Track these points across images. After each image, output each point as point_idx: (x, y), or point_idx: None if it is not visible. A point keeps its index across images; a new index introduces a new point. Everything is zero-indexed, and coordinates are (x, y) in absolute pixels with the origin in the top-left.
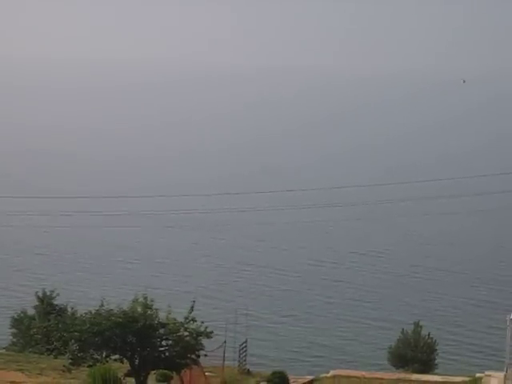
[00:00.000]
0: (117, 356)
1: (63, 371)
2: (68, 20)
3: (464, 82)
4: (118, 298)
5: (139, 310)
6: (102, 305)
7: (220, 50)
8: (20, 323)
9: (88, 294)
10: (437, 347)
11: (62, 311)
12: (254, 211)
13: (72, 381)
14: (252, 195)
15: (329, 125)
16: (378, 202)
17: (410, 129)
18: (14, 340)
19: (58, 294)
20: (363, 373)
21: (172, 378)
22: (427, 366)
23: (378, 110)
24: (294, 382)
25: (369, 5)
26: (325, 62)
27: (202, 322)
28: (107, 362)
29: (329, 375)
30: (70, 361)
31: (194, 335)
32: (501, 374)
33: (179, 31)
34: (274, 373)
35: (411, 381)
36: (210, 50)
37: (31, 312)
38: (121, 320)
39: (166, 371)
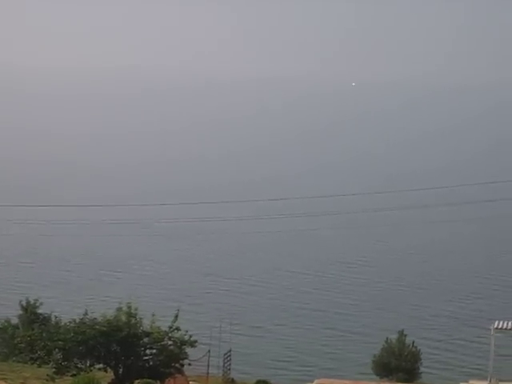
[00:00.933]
0: (101, 365)
1: (47, 380)
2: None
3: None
4: (103, 308)
5: (123, 318)
6: (86, 313)
7: (219, 53)
8: (4, 332)
9: (71, 304)
10: (421, 356)
11: (45, 320)
12: (250, 219)
13: None
14: (250, 203)
15: (328, 132)
16: (376, 210)
17: (410, 136)
18: None
19: (41, 303)
20: (347, 382)
21: None
22: (411, 375)
23: (378, 118)
24: None
25: (370, 5)
26: (325, 66)
27: (187, 331)
28: (91, 370)
29: None
30: (53, 370)
31: (178, 344)
32: (484, 383)
33: (178, 34)
34: (259, 381)
35: None
36: (209, 52)
37: (15, 321)
38: (105, 329)
39: (149, 380)
